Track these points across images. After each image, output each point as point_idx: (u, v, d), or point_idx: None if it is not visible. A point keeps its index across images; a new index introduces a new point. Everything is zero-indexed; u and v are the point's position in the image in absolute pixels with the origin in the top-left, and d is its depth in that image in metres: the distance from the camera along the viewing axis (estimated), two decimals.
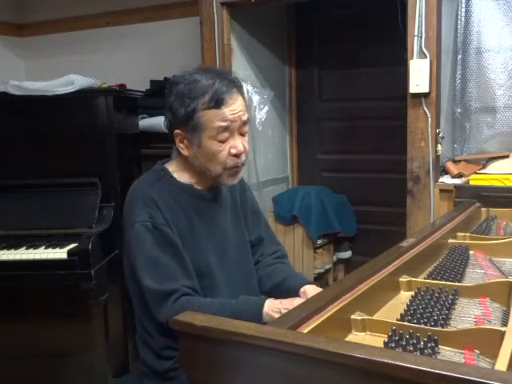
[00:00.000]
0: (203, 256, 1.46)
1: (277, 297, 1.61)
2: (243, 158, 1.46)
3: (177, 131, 1.44)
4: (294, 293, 1.50)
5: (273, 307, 1.34)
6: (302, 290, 1.49)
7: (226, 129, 1.40)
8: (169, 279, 1.36)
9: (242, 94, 1.46)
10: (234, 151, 1.43)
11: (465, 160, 2.69)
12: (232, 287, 1.52)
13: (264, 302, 1.36)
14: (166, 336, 1.41)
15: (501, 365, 0.80)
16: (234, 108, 1.41)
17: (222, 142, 1.41)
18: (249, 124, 1.50)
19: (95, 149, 2.58)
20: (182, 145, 1.46)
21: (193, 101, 1.39)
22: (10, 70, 3.77)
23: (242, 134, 1.46)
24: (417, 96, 2.44)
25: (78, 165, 2.58)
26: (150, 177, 1.50)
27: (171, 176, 1.49)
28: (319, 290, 1.51)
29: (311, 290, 1.47)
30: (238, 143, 1.43)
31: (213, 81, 1.40)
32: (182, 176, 1.50)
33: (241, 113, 1.43)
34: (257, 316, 1.31)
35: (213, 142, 1.41)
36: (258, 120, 3.06)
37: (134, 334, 1.63)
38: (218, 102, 1.38)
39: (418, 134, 2.47)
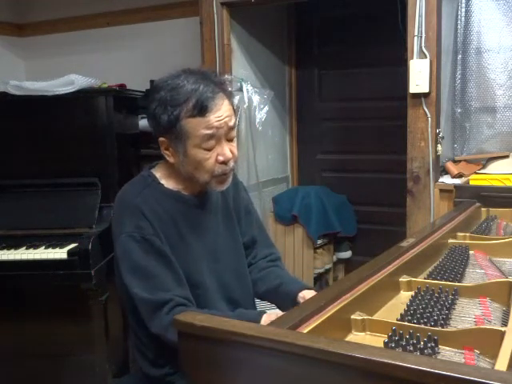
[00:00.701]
0: (193, 263, 1.43)
1: (271, 301, 1.59)
2: (231, 164, 1.41)
3: (161, 139, 1.39)
4: (291, 297, 1.48)
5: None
6: (300, 295, 1.47)
7: (211, 136, 1.35)
8: (161, 289, 1.33)
9: (228, 96, 1.40)
10: (221, 158, 1.38)
11: (465, 160, 2.69)
12: (225, 292, 1.49)
13: (261, 317, 1.32)
14: (160, 345, 1.38)
15: (501, 365, 0.80)
16: (219, 114, 1.34)
17: (209, 149, 1.36)
18: (237, 128, 1.47)
19: (95, 149, 2.58)
20: (167, 152, 1.41)
21: (175, 108, 1.33)
22: (10, 70, 3.76)
23: (230, 140, 1.40)
24: (417, 96, 2.44)
25: (78, 165, 2.58)
26: (136, 184, 1.46)
27: (158, 183, 1.45)
28: None
29: (310, 296, 1.45)
30: (226, 150, 1.38)
31: (196, 85, 1.34)
32: (169, 182, 1.46)
33: (227, 119, 1.36)
34: None
35: (198, 151, 1.35)
36: (257, 120, 3.06)
37: None
38: (202, 110, 1.32)
39: (418, 133, 2.47)
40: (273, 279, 1.57)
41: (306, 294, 1.46)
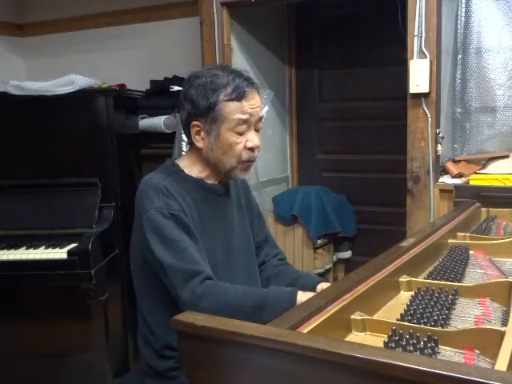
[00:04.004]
0: (211, 250, 1.47)
1: None
2: (256, 152, 1.50)
3: (194, 122, 1.46)
4: (309, 290, 1.50)
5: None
6: (319, 286, 1.51)
7: (245, 121, 1.44)
8: (192, 261, 1.37)
9: (258, 92, 1.50)
10: (250, 144, 1.46)
11: (465, 160, 2.69)
12: (235, 282, 1.50)
13: (296, 291, 1.36)
14: (167, 334, 1.41)
15: (501, 365, 0.80)
16: (252, 103, 1.45)
17: (240, 134, 1.44)
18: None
19: (95, 149, 2.58)
20: (197, 137, 1.47)
21: (215, 92, 1.42)
22: (10, 70, 3.76)
23: (257, 130, 1.49)
24: (417, 96, 2.44)
25: (77, 165, 2.59)
26: (160, 171, 1.51)
27: (182, 170, 1.51)
28: None
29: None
30: (254, 137, 1.47)
31: (234, 76, 1.45)
32: (192, 170, 1.52)
33: (258, 108, 1.47)
34: (289, 304, 1.29)
35: (231, 134, 1.44)
36: None
37: (134, 334, 1.63)
38: (239, 95, 1.42)
39: (417, 133, 2.47)
40: (288, 275, 1.63)
41: (325, 286, 1.51)
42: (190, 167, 1.52)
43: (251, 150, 1.47)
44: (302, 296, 1.33)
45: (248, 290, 1.38)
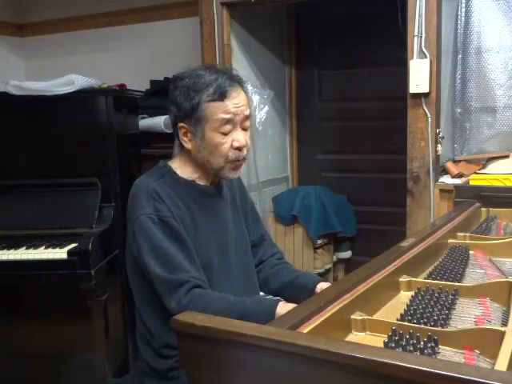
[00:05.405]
0: (205, 251, 1.47)
1: (286, 295, 1.61)
2: (245, 151, 1.48)
3: (181, 124, 1.47)
4: (309, 290, 1.51)
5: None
6: (318, 286, 1.51)
7: (228, 121, 1.43)
8: (179, 270, 1.37)
9: (244, 90, 1.49)
10: (236, 144, 1.45)
11: (465, 160, 2.69)
12: (232, 283, 1.52)
13: (277, 303, 1.34)
14: (166, 333, 1.42)
15: (501, 365, 0.80)
16: (236, 102, 1.43)
17: (225, 134, 1.43)
18: (250, 121, 1.51)
19: (95, 149, 2.58)
20: (185, 138, 1.47)
21: (197, 93, 1.42)
22: (10, 70, 3.76)
23: (244, 129, 1.48)
24: (417, 96, 2.44)
25: (77, 165, 2.58)
26: (152, 173, 1.51)
27: (174, 172, 1.51)
28: None
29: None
30: (240, 136, 1.45)
31: (217, 76, 1.44)
32: (184, 172, 1.52)
33: (243, 107, 1.45)
34: (268, 317, 1.26)
35: (215, 134, 1.43)
36: (258, 120, 3.06)
37: (134, 334, 1.63)
38: (221, 95, 1.41)
39: (418, 134, 2.47)
40: (287, 274, 1.62)
41: (324, 286, 1.50)
42: (182, 168, 1.52)
43: (238, 149, 1.46)
44: (282, 308, 1.31)
45: (232, 301, 1.36)
